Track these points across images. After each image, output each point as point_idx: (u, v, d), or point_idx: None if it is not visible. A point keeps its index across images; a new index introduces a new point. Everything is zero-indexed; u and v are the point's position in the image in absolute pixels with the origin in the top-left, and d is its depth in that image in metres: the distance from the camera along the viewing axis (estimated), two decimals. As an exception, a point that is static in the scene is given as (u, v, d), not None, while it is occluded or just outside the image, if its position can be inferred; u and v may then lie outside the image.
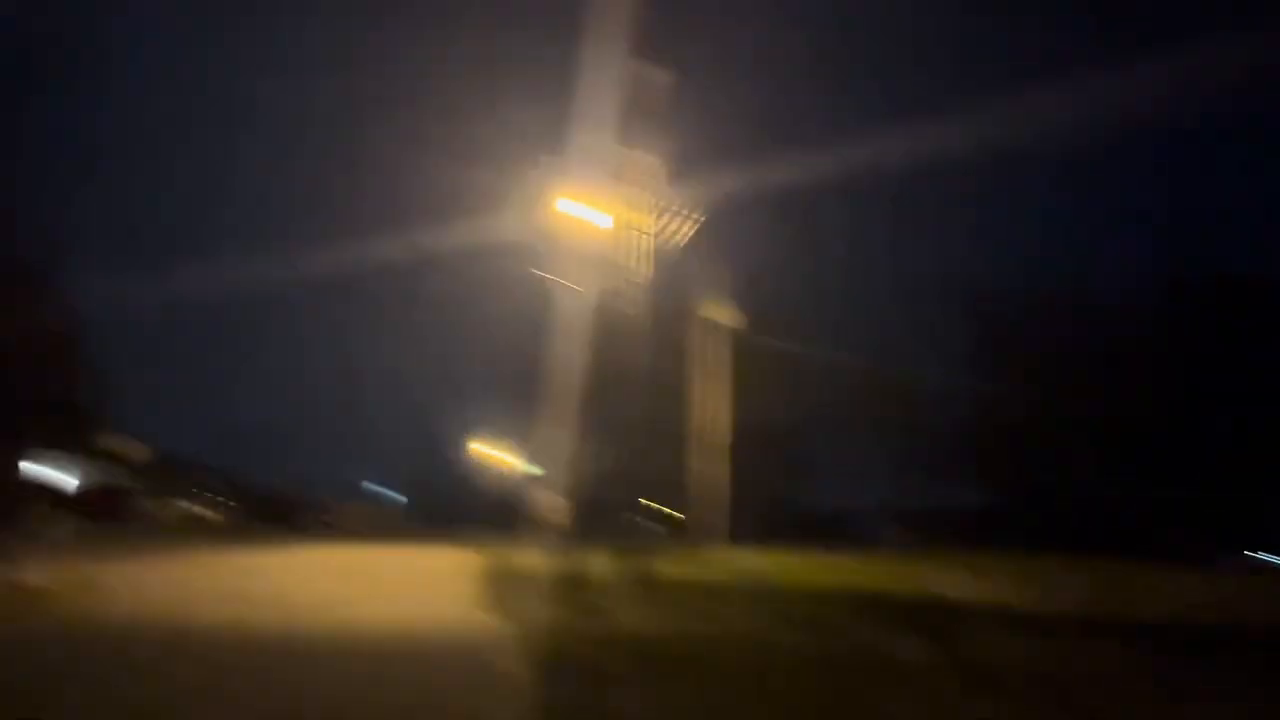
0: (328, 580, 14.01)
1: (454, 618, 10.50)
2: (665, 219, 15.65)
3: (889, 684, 6.78)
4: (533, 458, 39.85)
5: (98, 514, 27.97)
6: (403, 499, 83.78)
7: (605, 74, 14.41)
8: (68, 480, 32.90)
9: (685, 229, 15.47)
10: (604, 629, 9.34)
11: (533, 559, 19.49)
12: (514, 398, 54.88)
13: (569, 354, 15.48)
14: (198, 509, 34.68)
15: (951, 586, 13.64)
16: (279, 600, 11.32)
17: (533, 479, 45.29)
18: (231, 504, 38.43)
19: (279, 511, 35.53)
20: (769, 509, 43.77)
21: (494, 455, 67.72)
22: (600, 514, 20.20)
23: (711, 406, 25.69)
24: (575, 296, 15.38)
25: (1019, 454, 52.18)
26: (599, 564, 17.47)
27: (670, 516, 45.47)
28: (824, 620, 10.25)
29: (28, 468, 33.06)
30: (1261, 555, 37.29)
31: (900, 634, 8.81)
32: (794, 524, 45.83)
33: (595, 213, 16.26)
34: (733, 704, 6.31)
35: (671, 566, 17.68)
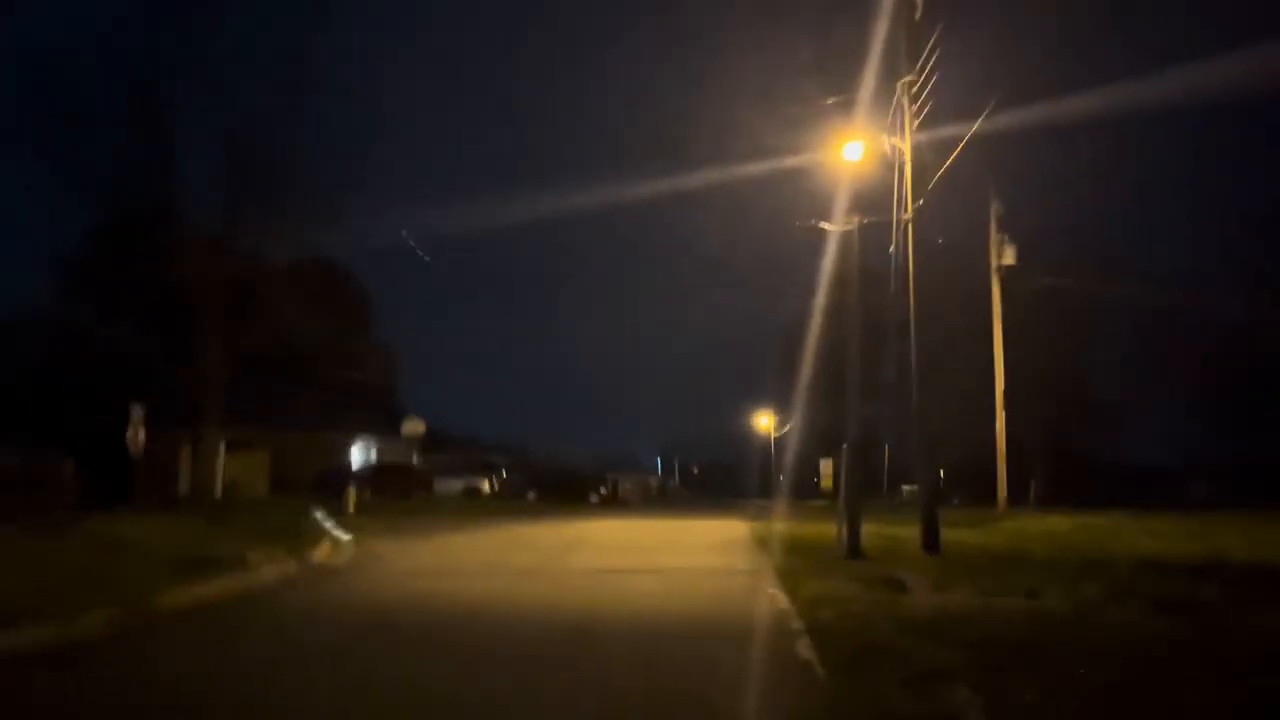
0: (608, 555, 13.52)
1: (742, 594, 9.49)
2: (940, 156, 13.71)
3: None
4: (803, 424, 38.56)
5: (386, 490, 29.75)
6: (674, 469, 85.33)
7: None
8: (360, 461, 35.51)
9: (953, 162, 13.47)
10: (915, 610, 7.97)
11: (815, 529, 18.28)
12: (786, 361, 53.90)
13: (845, 307, 13.91)
14: (480, 483, 36.26)
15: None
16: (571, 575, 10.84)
17: (801, 446, 44.11)
18: (513, 479, 39.97)
19: (561, 484, 36.48)
20: (1068, 468, 39.69)
21: (766, 423, 67.10)
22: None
23: (1003, 358, 23.11)
24: (851, 243, 13.80)
25: None
26: (889, 535, 15.94)
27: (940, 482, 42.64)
28: (1171, 594, 8.32)
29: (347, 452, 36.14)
30: None
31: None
32: (1095, 484, 41.27)
33: (860, 151, 14.57)
34: (1086, 702, 4.84)
35: (975, 536, 15.85)
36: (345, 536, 14.50)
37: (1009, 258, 21.98)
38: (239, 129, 24.01)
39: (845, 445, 14.02)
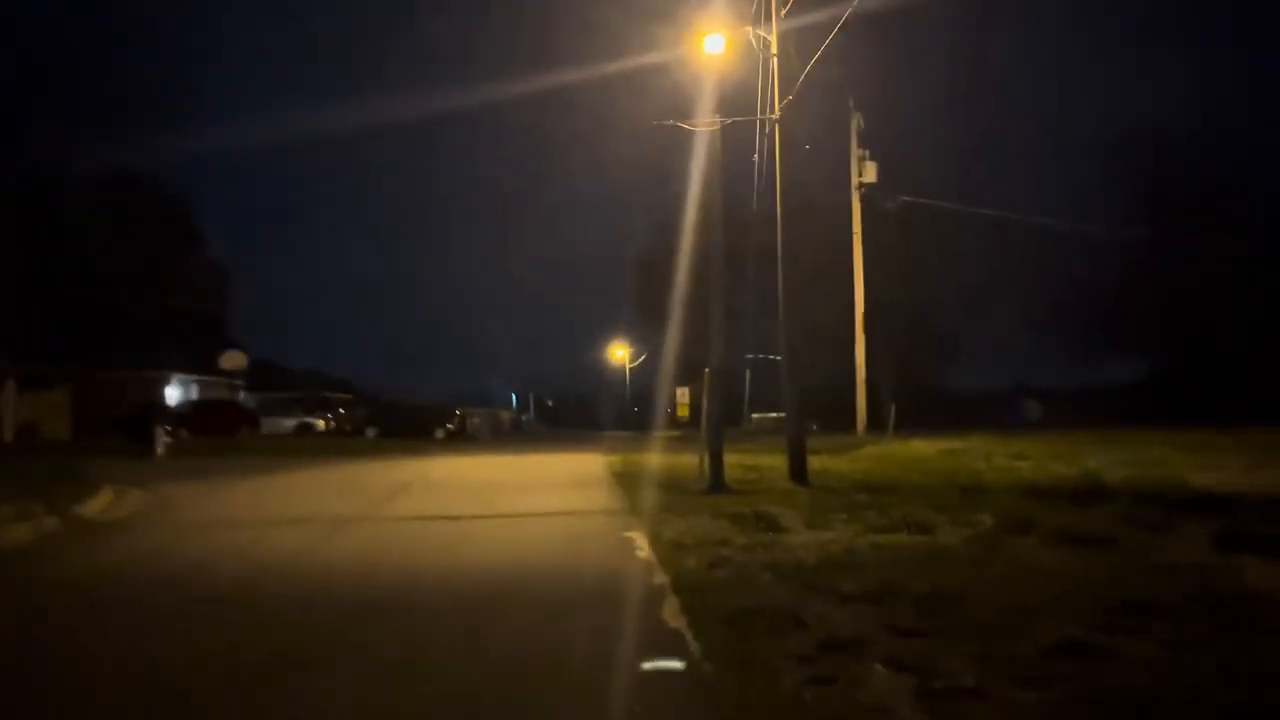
0: (454, 497, 11.99)
1: (596, 540, 8.16)
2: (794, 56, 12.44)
3: None
4: (659, 354, 37.60)
5: (207, 430, 27.16)
6: (529, 404, 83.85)
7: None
8: (177, 397, 32.36)
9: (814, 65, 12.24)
10: (796, 554, 6.84)
11: (674, 460, 17.24)
12: (642, 290, 52.74)
13: (706, 224, 12.59)
14: (314, 420, 33.76)
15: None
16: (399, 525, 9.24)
17: (657, 376, 43.35)
18: (353, 416, 37.60)
19: (403, 421, 34.39)
20: (914, 394, 40.40)
21: (621, 355, 66.22)
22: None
23: (859, 282, 22.48)
24: (714, 148, 12.43)
25: (1173, 319, 47.69)
26: (750, 465, 15.02)
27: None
28: (1066, 525, 7.55)
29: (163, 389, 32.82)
30: None
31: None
32: (937, 408, 42.30)
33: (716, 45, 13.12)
34: (1040, 679, 3.76)
35: (840, 463, 15.12)
36: (135, 485, 12.41)
37: (869, 175, 21.15)
38: (18, 19, 20.82)
39: (708, 370, 12.87)
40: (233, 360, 25.62)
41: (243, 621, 5.21)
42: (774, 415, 43.90)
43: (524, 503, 10.83)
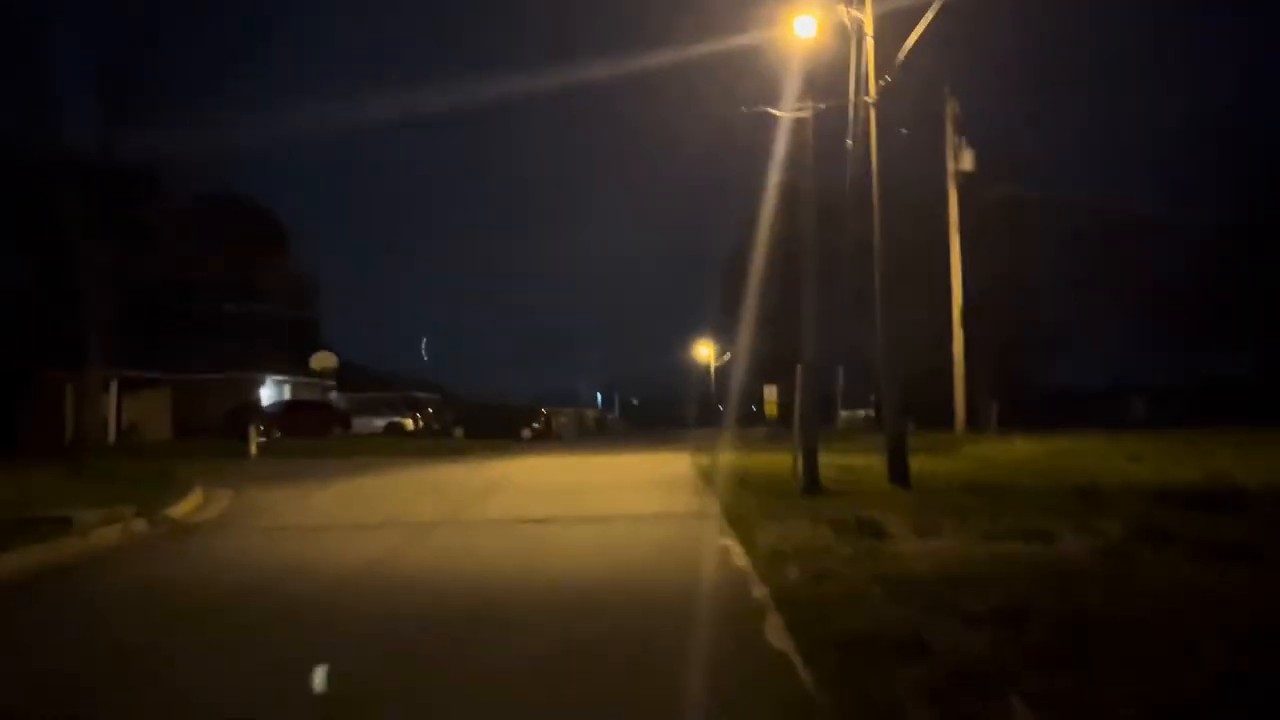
0: (528, 501, 11.71)
1: (687, 548, 7.73)
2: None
3: None
4: (746, 351, 36.93)
5: (299, 430, 27.56)
6: (614, 403, 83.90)
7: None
8: (271, 398, 32.97)
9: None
10: (906, 565, 6.29)
11: (762, 460, 16.70)
12: (728, 287, 52.09)
13: (795, 214, 12.07)
14: (403, 420, 34.06)
15: None
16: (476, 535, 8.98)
17: (743, 374, 42.70)
18: (440, 416, 37.89)
19: (489, 421, 34.49)
20: (1013, 390, 38.86)
21: (706, 353, 65.60)
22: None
23: (956, 275, 21.55)
24: (805, 134, 11.87)
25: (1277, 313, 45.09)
26: (844, 465, 14.39)
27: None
28: (1206, 534, 6.84)
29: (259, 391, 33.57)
30: None
31: None
32: (1038, 406, 40.57)
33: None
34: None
35: (940, 463, 14.39)
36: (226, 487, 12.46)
37: (967, 163, 20.21)
38: (109, 41, 21.49)
39: (800, 366, 12.30)
40: (323, 361, 25.96)
41: (327, 636, 4.93)
42: (863, 413, 42.80)
43: (611, 505, 10.46)
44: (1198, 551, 6.43)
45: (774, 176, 15.09)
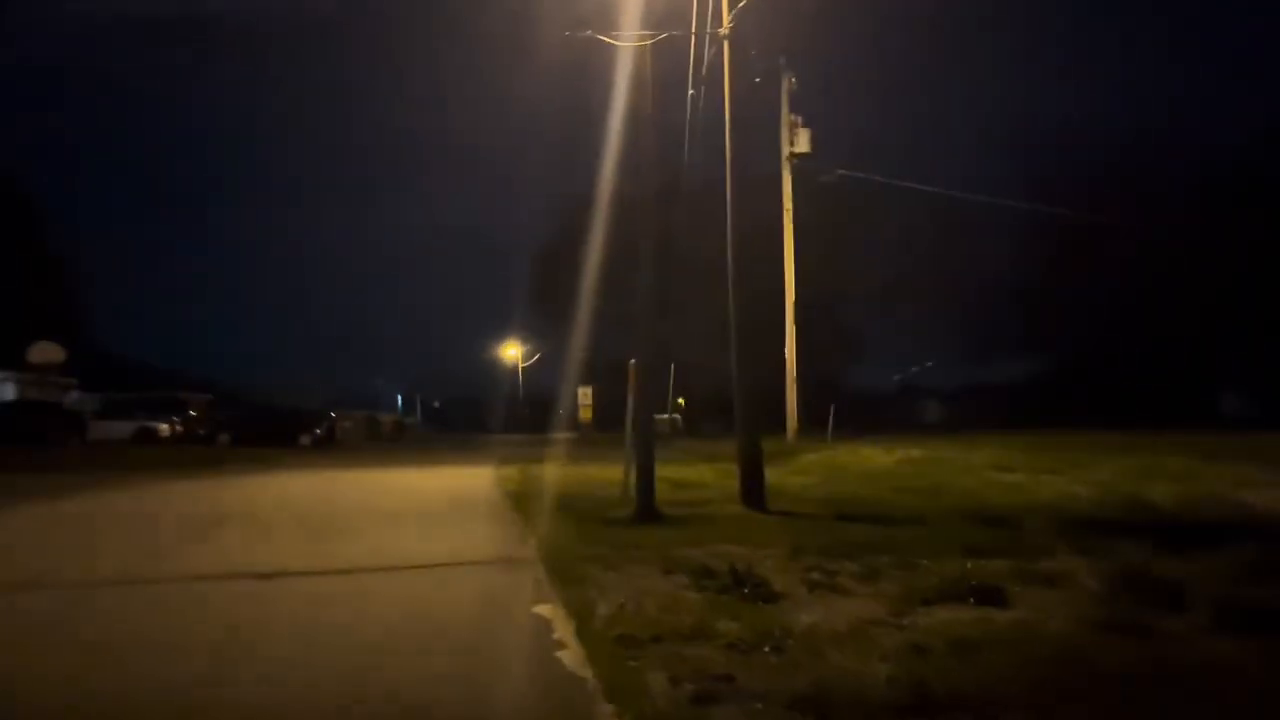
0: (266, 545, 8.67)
1: (485, 627, 5.09)
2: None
3: None
4: (556, 350, 34.39)
5: (21, 437, 22.77)
6: (416, 406, 79.42)
7: None
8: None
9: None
10: (826, 658, 3.92)
11: (581, 473, 14.24)
12: (540, 283, 49.09)
13: (639, 182, 9.66)
14: (157, 425, 29.25)
15: None
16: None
17: (554, 375, 40.15)
18: (208, 419, 33.16)
19: (261, 425, 30.28)
20: (820, 393, 38.31)
21: (513, 352, 62.47)
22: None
23: (790, 266, 19.83)
24: (642, 74, 9.49)
25: (1059, 321, 47.53)
26: (678, 480, 12.17)
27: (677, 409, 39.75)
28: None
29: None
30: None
31: None
32: (840, 410, 40.35)
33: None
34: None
35: (786, 475, 12.39)
36: None
37: (803, 144, 18.49)
38: None
39: (633, 363, 9.92)
40: (44, 353, 21.33)
41: None
42: (664, 417, 41.05)
43: (379, 546, 7.64)
44: (1229, 619, 4.43)
45: (611, 136, 12.73)
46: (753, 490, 9.48)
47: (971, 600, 5.06)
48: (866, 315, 51.76)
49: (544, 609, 5.19)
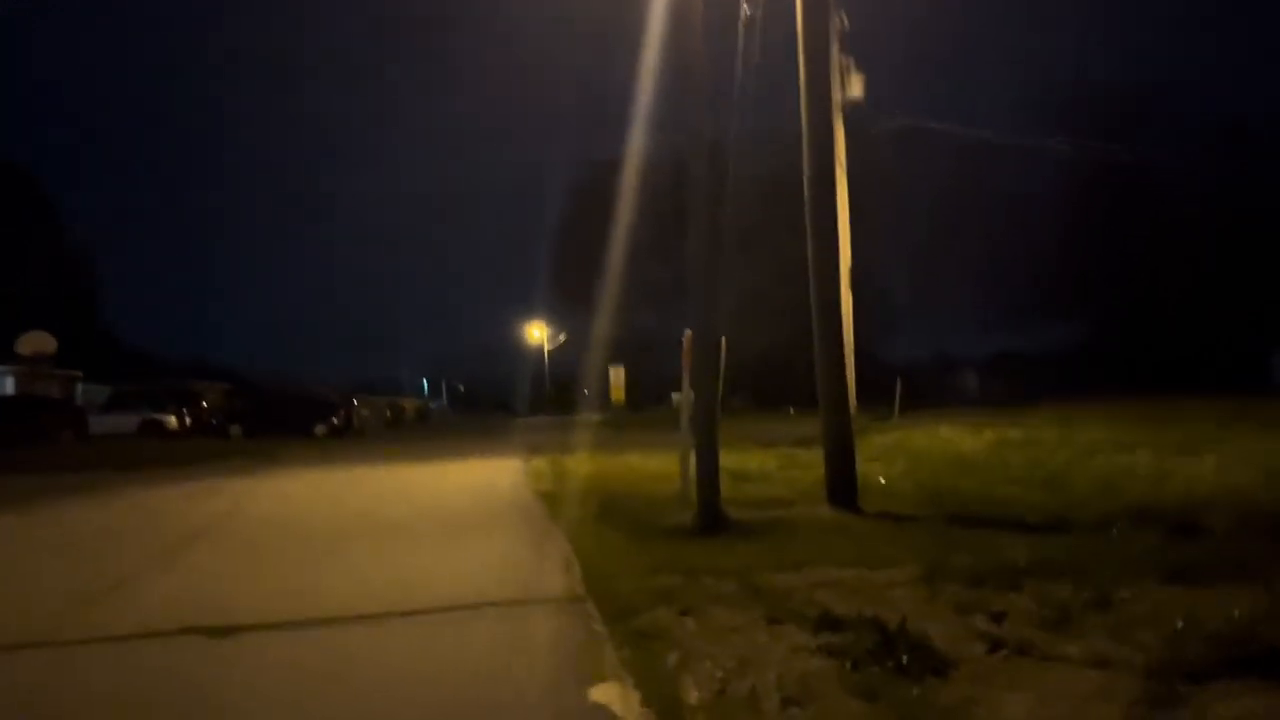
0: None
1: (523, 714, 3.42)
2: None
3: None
4: (583, 328, 32.71)
5: (15, 434, 21.38)
6: (440, 390, 78.12)
7: None
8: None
9: None
10: None
11: (619, 464, 12.60)
12: (563, 263, 47.28)
13: (689, 131, 7.91)
14: (165, 417, 27.76)
15: None
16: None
17: (584, 356, 38.43)
18: (220, 409, 31.70)
19: (274, 414, 28.82)
20: (860, 366, 36.49)
21: (537, 333, 60.82)
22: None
23: (844, 226, 17.93)
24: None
25: (1115, 279, 45.45)
26: (730, 469, 10.52)
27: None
28: None
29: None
30: None
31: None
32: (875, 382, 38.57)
33: None
34: None
35: (872, 463, 10.67)
36: None
37: (856, 89, 16.58)
38: None
39: (688, 334, 8.22)
40: (35, 343, 19.87)
41: None
42: (677, 395, 39.37)
43: (377, 573, 5.95)
44: None
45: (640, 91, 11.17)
46: (842, 486, 7.75)
47: (1257, 673, 3.34)
48: (902, 281, 49.73)
49: (605, 693, 3.51)
